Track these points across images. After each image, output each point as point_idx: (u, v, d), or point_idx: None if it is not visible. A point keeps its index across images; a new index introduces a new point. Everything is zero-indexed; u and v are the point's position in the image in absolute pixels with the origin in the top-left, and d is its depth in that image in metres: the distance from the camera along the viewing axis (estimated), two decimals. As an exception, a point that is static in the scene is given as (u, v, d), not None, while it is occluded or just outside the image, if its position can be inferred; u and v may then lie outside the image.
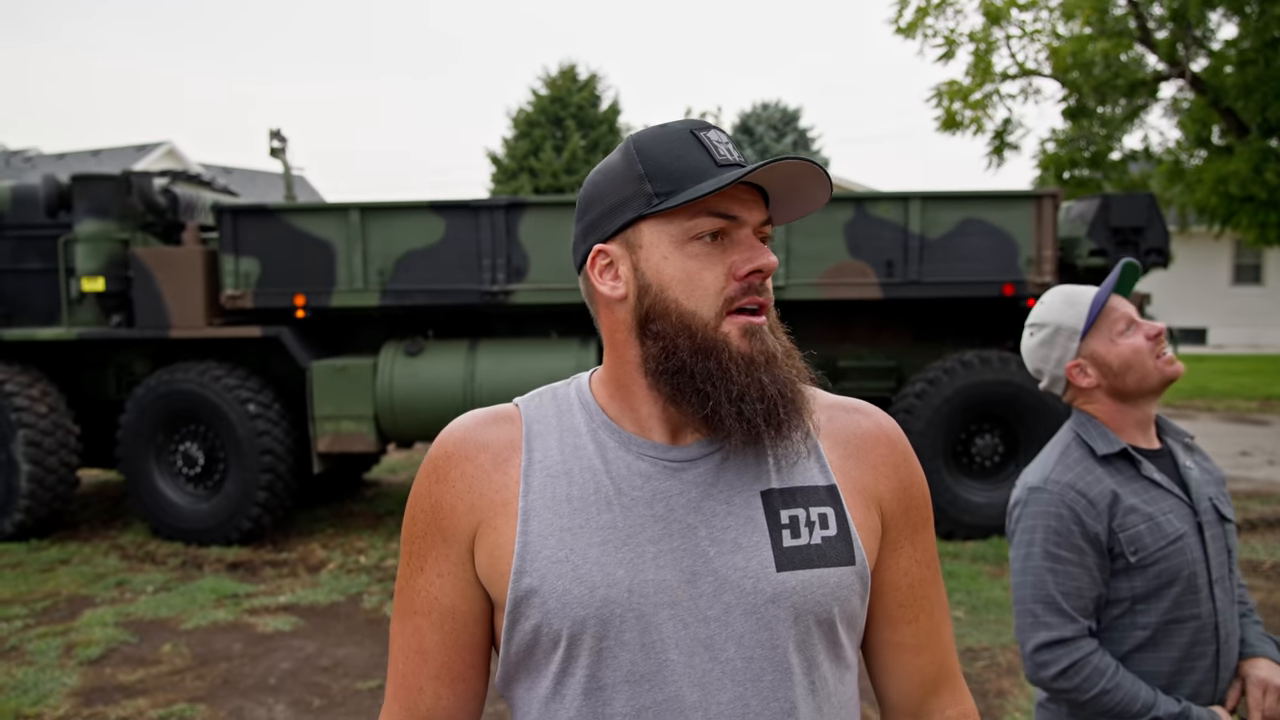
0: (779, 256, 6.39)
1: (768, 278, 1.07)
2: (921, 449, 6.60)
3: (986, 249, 6.52)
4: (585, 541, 1.03)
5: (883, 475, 1.14)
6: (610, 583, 1.01)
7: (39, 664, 4.79)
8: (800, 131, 32.00)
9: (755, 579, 1.03)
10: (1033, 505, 1.85)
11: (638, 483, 1.05)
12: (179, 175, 8.02)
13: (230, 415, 6.83)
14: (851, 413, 1.18)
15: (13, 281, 7.57)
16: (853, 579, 1.07)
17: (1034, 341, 1.96)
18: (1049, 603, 1.79)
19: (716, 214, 1.04)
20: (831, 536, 1.07)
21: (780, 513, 1.06)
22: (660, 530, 1.03)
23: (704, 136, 1.07)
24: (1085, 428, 1.90)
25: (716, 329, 1.04)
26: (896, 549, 1.15)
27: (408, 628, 1.12)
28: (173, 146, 29.43)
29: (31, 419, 7.00)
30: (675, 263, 1.05)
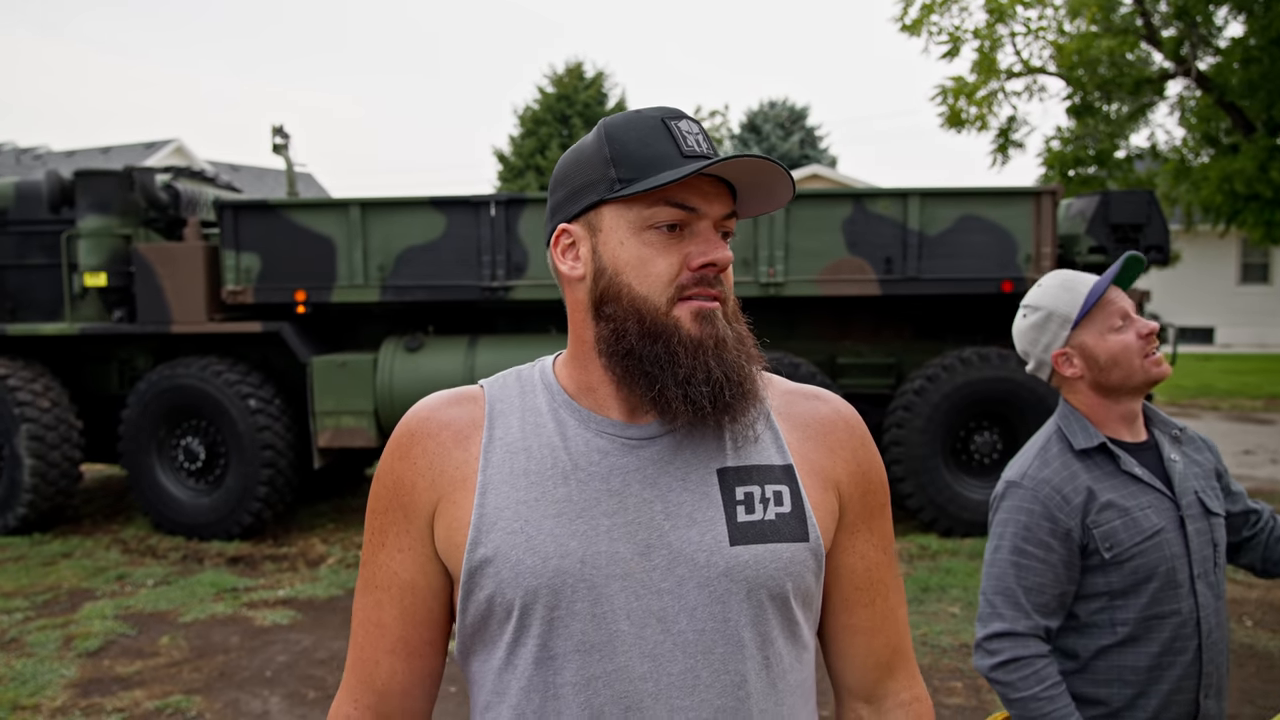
0: (777, 253, 6.45)
1: (723, 271, 1.08)
2: (920, 446, 6.60)
3: (985, 246, 6.51)
4: (540, 514, 1.05)
5: (841, 459, 1.16)
6: (563, 553, 1.03)
7: (38, 655, 4.83)
8: (808, 129, 31.97)
9: (709, 552, 1.05)
10: (1009, 500, 1.85)
11: (595, 459, 1.08)
12: (181, 171, 8.06)
13: (231, 410, 6.86)
14: (811, 399, 1.21)
15: (17, 277, 7.62)
16: (806, 555, 1.09)
17: (1026, 324, 1.94)
18: (1008, 595, 1.80)
19: (675, 204, 1.06)
20: (786, 513, 1.09)
21: (735, 489, 1.08)
22: (615, 504, 1.06)
23: (674, 125, 1.08)
24: (1067, 420, 1.89)
25: (667, 314, 1.06)
26: (853, 532, 1.17)
27: (368, 602, 1.14)
28: (181, 144, 29.52)
29: (34, 413, 7.05)
30: (631, 248, 1.07)
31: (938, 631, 4.93)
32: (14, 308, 7.65)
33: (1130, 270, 1.89)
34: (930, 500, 6.67)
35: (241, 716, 4.16)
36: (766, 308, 7.02)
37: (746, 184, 1.09)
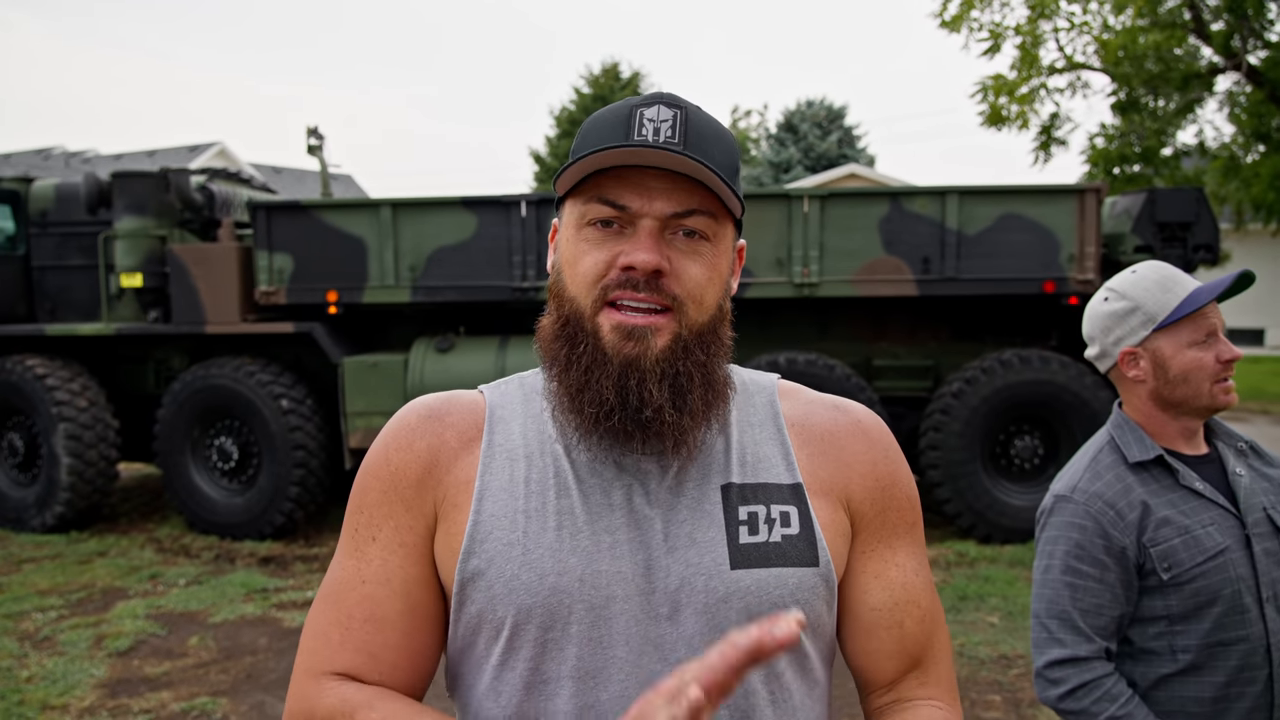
0: (812, 253, 6.33)
1: (660, 277, 0.97)
2: (958, 450, 6.44)
3: (1027, 245, 6.34)
4: (539, 526, 0.98)
5: (855, 473, 1.07)
6: (561, 570, 0.96)
7: (69, 655, 4.85)
8: (846, 129, 31.65)
9: (708, 576, 0.97)
10: (1058, 515, 1.73)
11: (597, 469, 1.01)
12: (216, 173, 8.11)
13: (264, 411, 6.88)
14: (831, 409, 1.13)
15: (56, 277, 7.72)
16: (815, 581, 1.00)
17: (1105, 309, 1.78)
18: (1064, 619, 1.67)
19: (605, 201, 0.98)
20: (793, 535, 1.01)
21: (739, 508, 1.01)
22: (619, 519, 0.99)
23: (638, 113, 0.98)
24: (1121, 430, 1.76)
25: (590, 318, 0.99)
26: (870, 551, 1.08)
27: (353, 596, 1.01)
28: (224, 147, 29.94)
29: (72, 413, 7.12)
30: (570, 245, 1.01)
31: (975, 642, 4.78)
32: (53, 308, 7.75)
33: (1237, 287, 1.75)
34: (968, 506, 6.50)
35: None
36: (800, 308, 6.91)
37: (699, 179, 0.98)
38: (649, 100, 0.99)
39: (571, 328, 0.99)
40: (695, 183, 0.98)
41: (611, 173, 0.98)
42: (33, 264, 7.75)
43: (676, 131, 0.97)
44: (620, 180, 0.97)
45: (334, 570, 1.06)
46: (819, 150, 30.43)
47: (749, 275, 6.50)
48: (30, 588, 5.98)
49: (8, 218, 7.73)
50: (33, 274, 7.77)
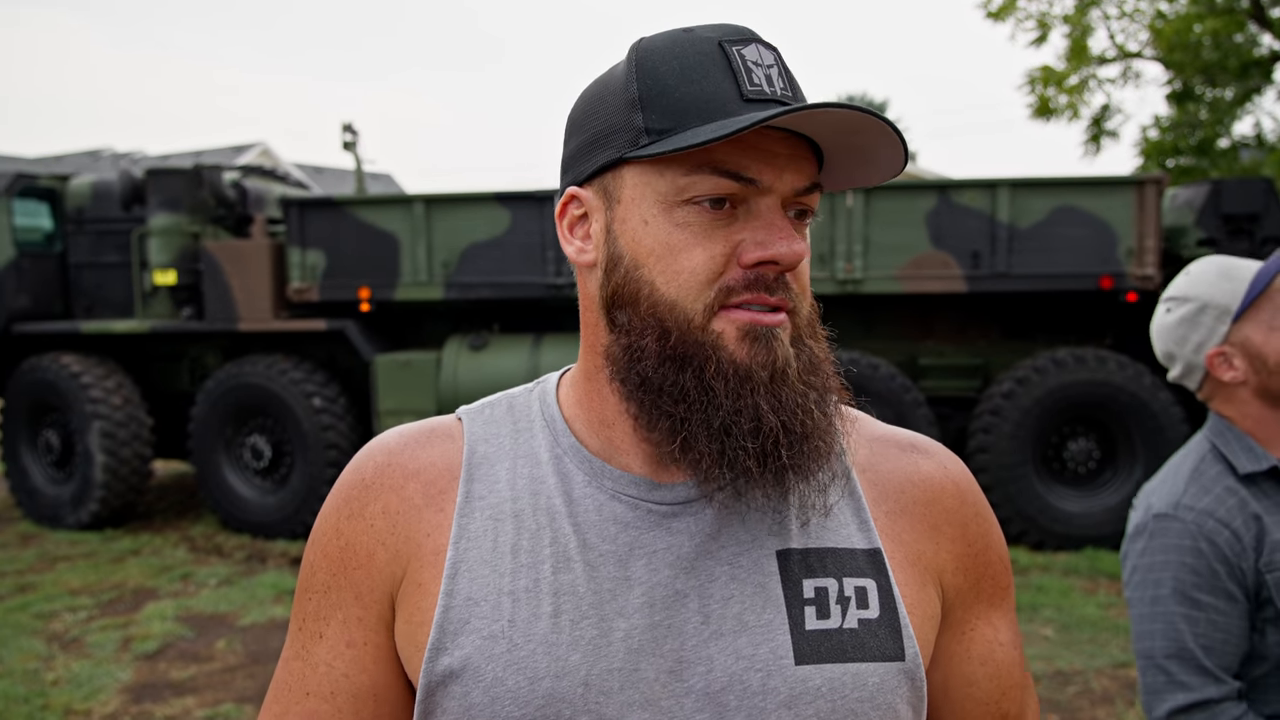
0: (856, 248, 6.11)
1: (790, 271, 0.77)
2: (1009, 453, 6.18)
3: (1082, 239, 6.06)
4: (530, 611, 0.76)
5: (946, 539, 0.86)
6: (560, 671, 0.74)
7: (96, 657, 4.78)
8: (886, 124, 31.28)
9: (765, 673, 0.75)
10: (1161, 538, 1.49)
11: (610, 532, 0.78)
12: (251, 169, 8.07)
13: (296, 409, 6.80)
14: (908, 451, 0.89)
15: (92, 275, 7.72)
16: (899, 680, 0.78)
17: (1172, 319, 1.58)
18: (1187, 658, 1.44)
19: (725, 173, 0.74)
20: (872, 620, 0.79)
21: (803, 582, 0.78)
22: (638, 599, 0.76)
23: (736, 54, 0.76)
24: (1224, 438, 1.54)
25: (704, 328, 0.75)
26: (965, 630, 0.88)
27: (294, 711, 0.82)
28: (266, 147, 30.25)
29: (106, 410, 7.09)
30: (657, 231, 0.76)
31: (1030, 657, 4.54)
32: (90, 305, 7.74)
33: None
34: (1019, 512, 6.24)
35: (291, 728, 4.01)
36: (844, 305, 6.68)
37: (837, 146, 0.78)
38: (737, 36, 0.77)
39: (680, 345, 0.75)
40: (807, 148, 0.78)
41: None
42: (70, 261, 7.75)
43: (787, 80, 0.77)
44: (738, 145, 0.74)
45: (280, 670, 0.86)
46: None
47: (790, 271, 6.29)
48: (62, 587, 5.94)
49: (45, 216, 7.74)
50: (69, 271, 7.77)
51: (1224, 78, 12.15)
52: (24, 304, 7.44)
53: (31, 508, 7.51)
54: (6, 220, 7.35)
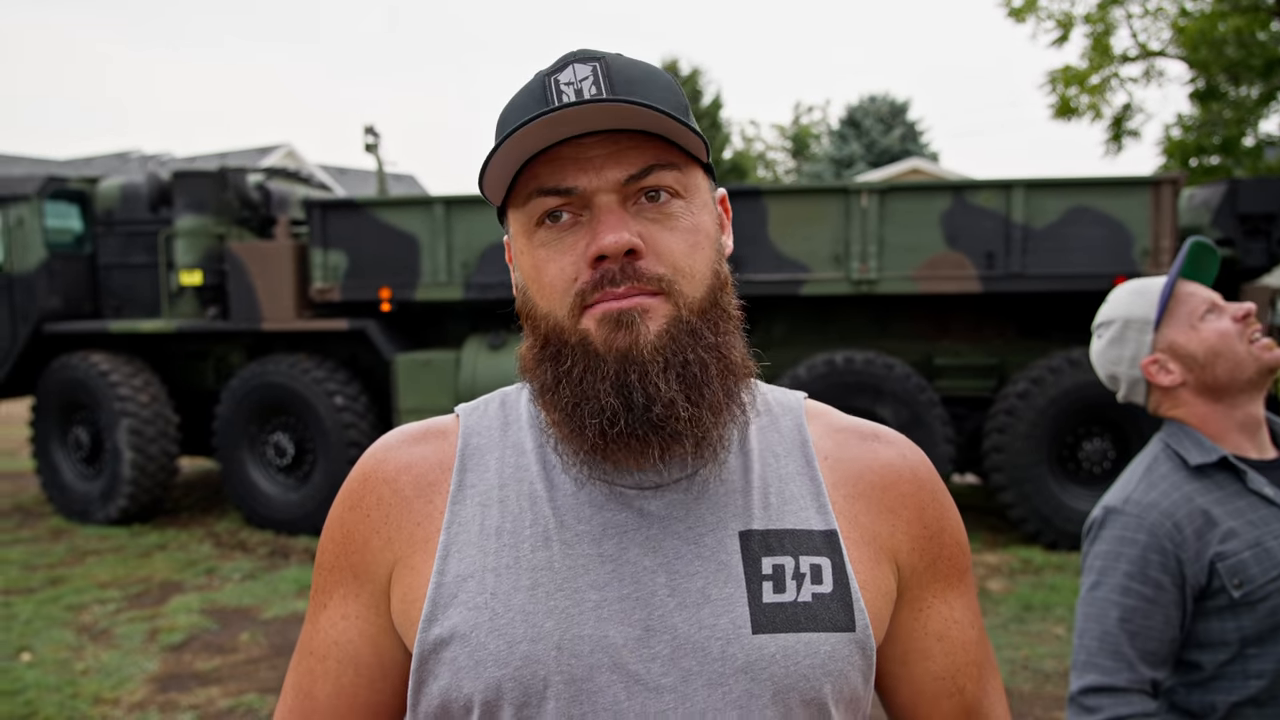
0: (870, 249, 6.15)
1: (636, 257, 0.81)
2: (1024, 453, 6.20)
3: (1097, 239, 6.07)
4: (511, 585, 0.83)
5: (902, 521, 0.91)
6: (535, 637, 0.81)
7: (124, 648, 4.91)
8: (909, 124, 31.10)
9: (724, 641, 0.82)
10: (1109, 529, 1.57)
11: (586, 514, 0.86)
12: (275, 171, 8.21)
13: (318, 407, 6.92)
14: (869, 440, 0.95)
15: (121, 275, 7.88)
16: (850, 649, 0.84)
17: (1102, 343, 1.70)
18: (1108, 641, 1.51)
19: (546, 191, 0.82)
20: (825, 594, 0.85)
21: (762, 560, 0.85)
22: (608, 573, 0.83)
23: (551, 82, 0.83)
24: (1176, 435, 1.61)
25: (573, 329, 0.83)
26: (922, 608, 0.93)
27: (300, 667, 0.95)
28: (291, 148, 30.49)
29: (134, 408, 7.25)
30: (527, 257, 0.86)
31: (1041, 655, 4.57)
32: (119, 305, 7.91)
33: (1202, 260, 1.63)
34: (1034, 511, 6.26)
35: (311, 718, 4.12)
36: (859, 306, 6.72)
37: (659, 129, 0.83)
38: (560, 64, 0.84)
39: (554, 345, 0.84)
40: (645, 136, 0.83)
41: (542, 158, 0.83)
42: (99, 262, 7.93)
43: (601, 85, 0.81)
44: (555, 162, 0.82)
45: (303, 628, 0.97)
46: (882, 146, 29.94)
47: (804, 271, 6.34)
48: (92, 580, 6.09)
49: (75, 218, 7.91)
50: (99, 272, 7.94)
51: (1248, 76, 12.05)
52: (55, 304, 7.62)
53: (62, 503, 7.69)
54: (38, 222, 7.53)
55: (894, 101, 31.23)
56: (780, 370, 6.82)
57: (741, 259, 6.43)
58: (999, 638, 4.84)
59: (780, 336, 7.04)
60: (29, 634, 5.11)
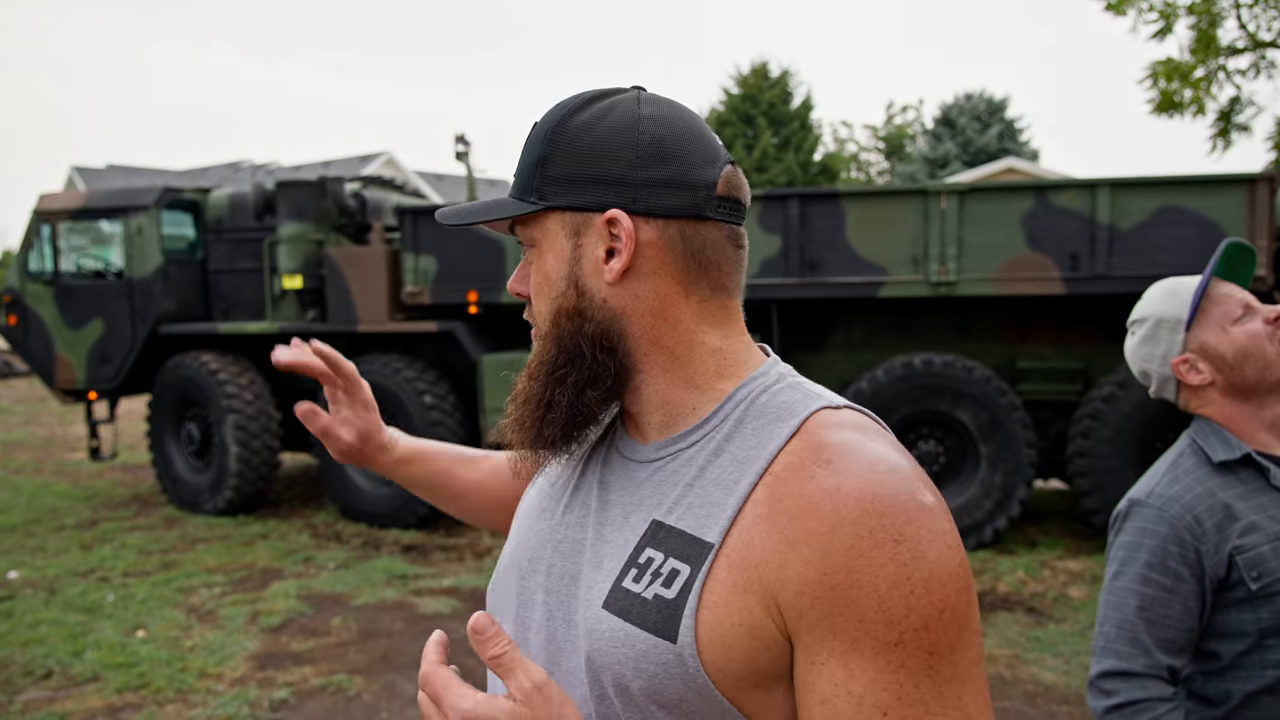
0: (949, 250, 6.12)
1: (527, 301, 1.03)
2: (1109, 458, 6.08)
3: (1188, 240, 5.91)
4: (537, 507, 1.06)
5: (798, 557, 0.80)
6: (522, 545, 1.04)
7: (228, 629, 5.25)
8: (1007, 122, 30.32)
9: (588, 604, 0.91)
10: (1132, 520, 1.63)
11: (597, 471, 1.01)
12: (370, 180, 8.58)
13: (409, 405, 7.22)
14: (820, 465, 0.83)
15: (229, 280, 8.37)
16: (668, 657, 0.83)
17: (1135, 341, 1.74)
18: (1126, 629, 1.57)
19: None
20: (666, 599, 0.85)
21: (645, 549, 0.90)
22: (577, 516, 1.00)
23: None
24: (1203, 432, 1.65)
25: None
26: (814, 661, 0.80)
27: None
28: (391, 156, 31.45)
29: (240, 405, 7.69)
30: None
31: (1118, 662, 4.50)
32: (227, 308, 8.39)
33: (1237, 260, 1.66)
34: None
35: (395, 699, 4.35)
36: (941, 308, 6.68)
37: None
38: None
39: None
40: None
41: None
42: (209, 267, 8.43)
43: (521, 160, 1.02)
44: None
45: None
46: (978, 145, 29.26)
47: (882, 274, 6.34)
48: (200, 565, 6.49)
49: (189, 225, 8.43)
50: (209, 277, 8.44)
51: (1368, 66, 11.43)
52: (170, 307, 8.13)
53: (175, 494, 8.19)
54: (156, 230, 8.05)
55: (991, 99, 30.48)
56: (859, 373, 6.83)
57: (819, 262, 6.47)
58: (1077, 644, 4.78)
59: (859, 339, 7.04)
60: (144, 613, 5.50)
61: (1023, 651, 4.75)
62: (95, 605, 5.65)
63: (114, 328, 8.17)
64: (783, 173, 28.15)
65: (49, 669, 4.69)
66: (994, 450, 6.27)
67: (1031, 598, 5.54)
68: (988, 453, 6.29)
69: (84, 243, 8.44)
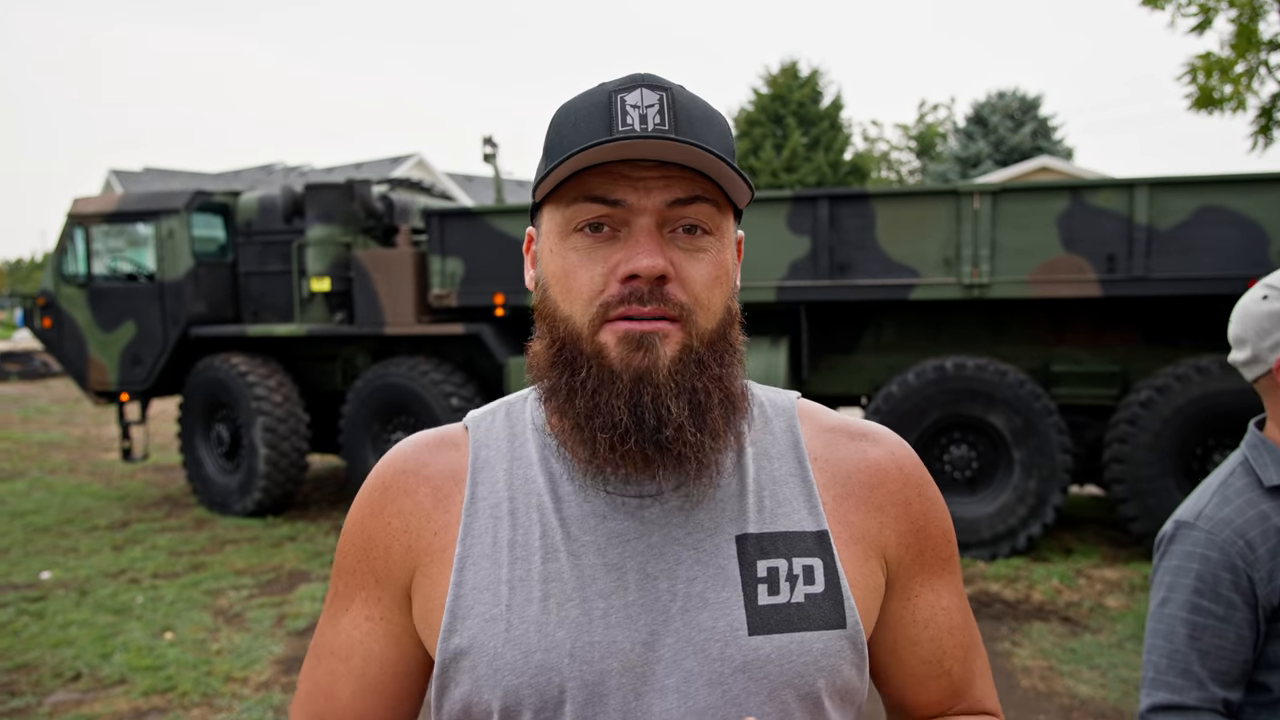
0: (983, 252, 6.00)
1: (665, 283, 0.86)
2: (1147, 464, 5.93)
3: (1229, 240, 5.76)
4: (524, 596, 0.89)
5: (890, 518, 0.96)
6: (549, 646, 0.87)
7: (254, 631, 5.25)
8: (1040, 120, 29.93)
9: (723, 643, 0.86)
10: (1179, 544, 1.53)
11: (591, 524, 0.90)
12: (398, 182, 8.59)
13: (435, 408, 7.21)
14: (857, 439, 1.00)
15: (259, 282, 8.41)
16: (842, 645, 0.89)
17: (1265, 308, 1.54)
18: (1178, 660, 1.48)
19: (594, 199, 0.87)
20: (817, 594, 0.90)
21: (757, 563, 0.89)
22: (613, 582, 0.89)
23: (618, 100, 0.86)
24: (1257, 450, 1.55)
25: (591, 338, 0.87)
26: (910, 597, 0.98)
27: (320, 669, 0.99)
28: (421, 158, 31.62)
29: (269, 407, 7.73)
30: (557, 257, 0.90)
31: (1157, 675, 4.38)
32: (256, 310, 8.44)
33: None
34: (1158, 526, 5.96)
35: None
36: (973, 310, 6.57)
37: (707, 168, 0.87)
38: (628, 84, 0.87)
39: (569, 352, 0.88)
40: (694, 171, 0.87)
41: (597, 169, 0.87)
42: (239, 270, 8.48)
43: (666, 117, 0.85)
44: (608, 175, 0.86)
45: (316, 634, 1.02)
46: (1010, 143, 28.90)
47: (913, 275, 6.24)
48: (229, 567, 6.52)
49: (220, 228, 8.48)
50: (239, 279, 8.50)
51: None
52: (200, 309, 8.18)
53: (205, 495, 8.25)
54: (186, 233, 8.10)
55: (1024, 97, 30.09)
56: (889, 376, 6.72)
57: (849, 264, 6.38)
58: (1114, 656, 4.66)
59: (890, 342, 6.94)
60: (172, 615, 5.53)
61: (1058, 663, 4.64)
62: (125, 606, 5.68)
63: (146, 330, 8.24)
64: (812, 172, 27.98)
65: (78, 671, 4.72)
66: (1028, 455, 6.15)
67: (1067, 607, 5.41)
68: (1021, 458, 6.16)
69: (117, 246, 8.53)
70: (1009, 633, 5.05)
